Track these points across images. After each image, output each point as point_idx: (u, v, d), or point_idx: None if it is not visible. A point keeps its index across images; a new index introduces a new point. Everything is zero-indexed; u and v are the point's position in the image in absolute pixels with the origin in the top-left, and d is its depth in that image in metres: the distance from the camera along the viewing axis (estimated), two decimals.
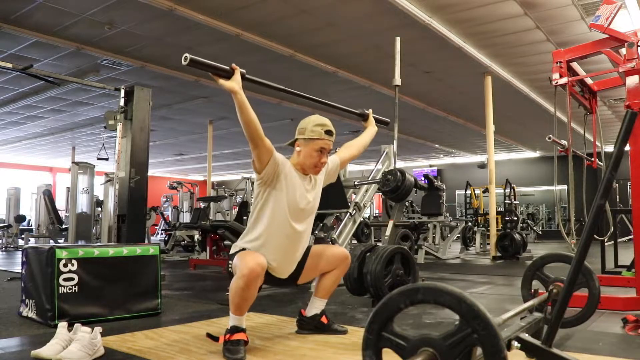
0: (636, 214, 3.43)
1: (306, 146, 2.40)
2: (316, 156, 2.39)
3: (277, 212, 2.35)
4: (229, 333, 2.23)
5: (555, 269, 2.50)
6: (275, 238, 2.37)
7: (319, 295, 2.61)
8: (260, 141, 2.22)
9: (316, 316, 2.61)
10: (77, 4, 6.32)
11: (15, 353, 2.32)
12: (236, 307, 2.27)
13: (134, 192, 5.01)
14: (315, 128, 2.38)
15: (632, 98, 3.48)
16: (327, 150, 2.41)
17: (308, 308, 2.64)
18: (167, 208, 17.26)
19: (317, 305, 2.62)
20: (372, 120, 2.96)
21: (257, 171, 2.34)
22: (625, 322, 2.76)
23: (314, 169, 2.43)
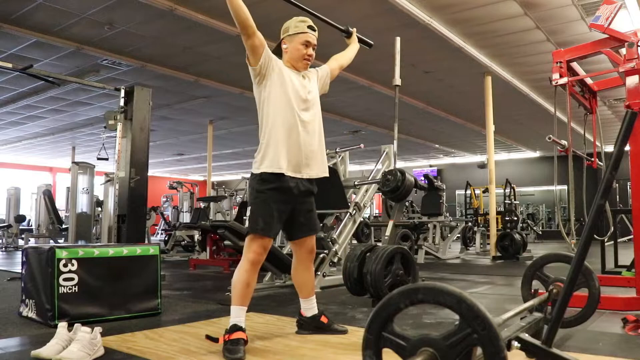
0: (636, 214, 3.43)
1: (292, 42, 2.51)
2: (302, 48, 2.49)
3: (281, 103, 2.42)
4: (229, 333, 2.25)
5: (555, 269, 2.50)
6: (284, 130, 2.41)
7: (303, 296, 2.65)
8: (252, 29, 2.33)
9: (315, 316, 2.62)
10: (77, 4, 6.32)
11: (15, 353, 2.32)
12: (239, 295, 2.33)
13: (134, 192, 5.01)
14: (298, 24, 2.51)
15: (632, 98, 3.48)
16: (312, 44, 2.51)
17: (303, 310, 2.66)
18: (167, 208, 17.26)
19: (309, 305, 2.64)
20: (355, 38, 3.05)
21: (252, 64, 2.42)
22: (625, 322, 2.76)
23: (302, 61, 2.51)
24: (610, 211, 4.59)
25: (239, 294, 2.35)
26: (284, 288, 4.73)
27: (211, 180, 14.10)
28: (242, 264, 2.38)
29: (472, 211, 13.27)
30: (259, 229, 2.36)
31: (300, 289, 2.66)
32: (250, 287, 2.37)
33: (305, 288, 2.64)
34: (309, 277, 2.65)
